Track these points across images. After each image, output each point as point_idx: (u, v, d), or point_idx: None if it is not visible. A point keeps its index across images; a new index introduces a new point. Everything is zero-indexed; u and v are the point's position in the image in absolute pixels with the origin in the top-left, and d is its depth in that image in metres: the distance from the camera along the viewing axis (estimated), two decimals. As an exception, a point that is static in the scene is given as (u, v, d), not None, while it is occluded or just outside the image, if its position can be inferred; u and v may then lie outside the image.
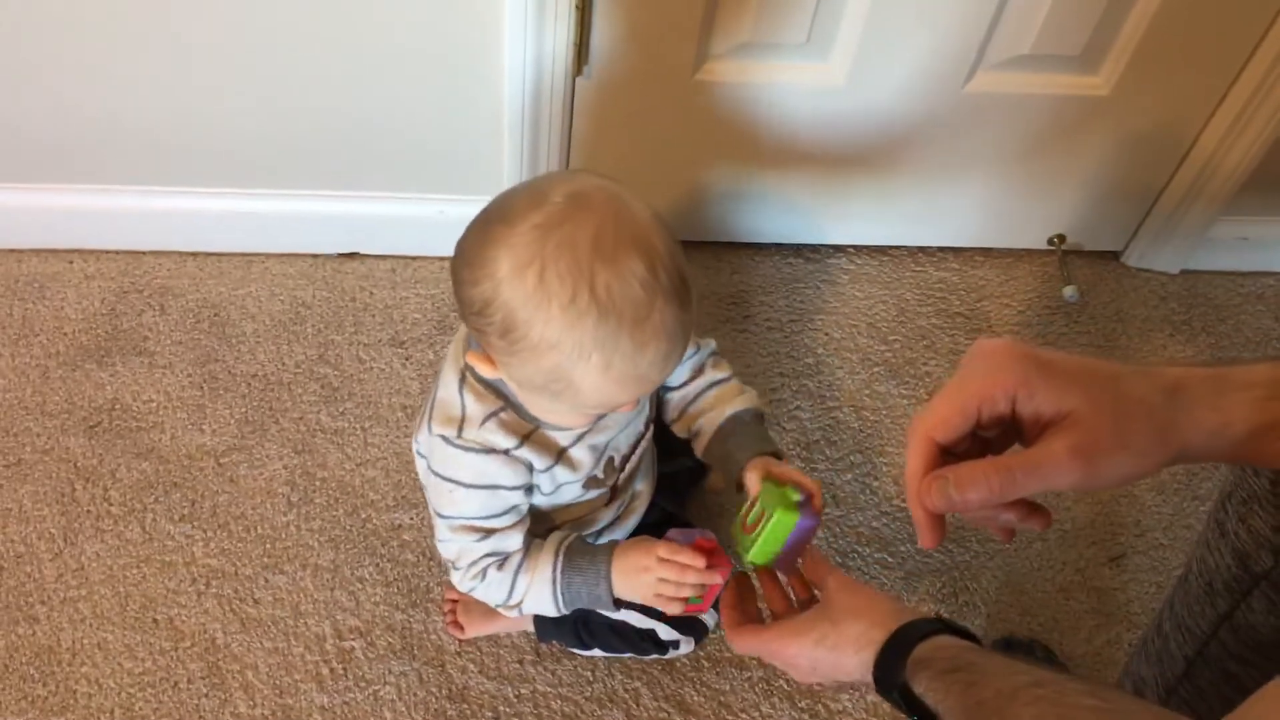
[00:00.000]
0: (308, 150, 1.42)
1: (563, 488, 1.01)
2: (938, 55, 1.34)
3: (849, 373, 1.50)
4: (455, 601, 1.27)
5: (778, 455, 1.00)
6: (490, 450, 0.94)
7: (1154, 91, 1.40)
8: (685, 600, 0.97)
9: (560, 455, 0.98)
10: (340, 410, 1.41)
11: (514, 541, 1.00)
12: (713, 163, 1.48)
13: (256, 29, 1.27)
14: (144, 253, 1.52)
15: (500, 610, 1.04)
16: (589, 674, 1.25)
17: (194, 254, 1.52)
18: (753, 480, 0.96)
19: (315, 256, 1.54)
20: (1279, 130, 1.41)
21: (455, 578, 1.03)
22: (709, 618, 1.22)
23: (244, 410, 1.39)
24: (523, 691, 1.23)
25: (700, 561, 0.94)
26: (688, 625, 1.20)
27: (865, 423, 1.46)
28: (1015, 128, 1.45)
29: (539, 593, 1.01)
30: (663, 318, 0.82)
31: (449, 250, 1.54)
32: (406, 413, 1.41)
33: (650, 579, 0.96)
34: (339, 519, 1.33)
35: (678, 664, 1.26)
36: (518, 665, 1.25)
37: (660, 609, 0.99)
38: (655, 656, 1.24)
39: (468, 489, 0.96)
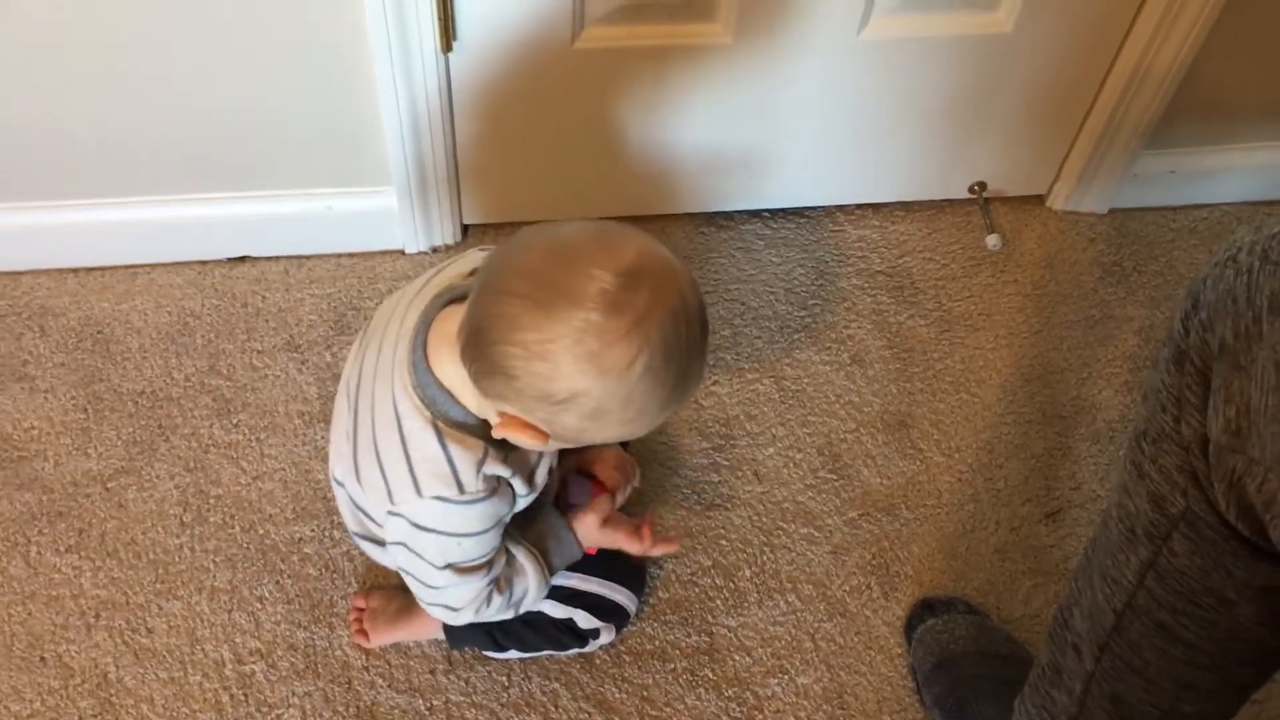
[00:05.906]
0: (184, 152, 1.35)
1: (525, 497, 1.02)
2: (826, 3, 1.28)
3: (768, 342, 1.44)
4: (362, 610, 1.21)
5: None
6: (494, 490, 0.94)
7: (1059, 21, 1.34)
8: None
9: (531, 474, 0.99)
10: (234, 422, 1.34)
11: (502, 559, 1.02)
12: (607, 135, 1.41)
13: (118, 28, 1.20)
14: (21, 273, 1.44)
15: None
16: (504, 679, 1.19)
17: (74, 270, 1.45)
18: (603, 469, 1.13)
19: (203, 263, 1.47)
20: (1203, 40, 1.33)
21: (453, 617, 1.03)
22: (631, 604, 1.18)
23: (131, 430, 1.33)
24: (435, 703, 1.18)
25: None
26: (608, 611, 1.17)
27: (786, 393, 1.40)
28: (920, 74, 1.39)
29: (535, 588, 1.05)
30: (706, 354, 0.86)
31: (341, 246, 1.52)
32: (304, 419, 1.34)
33: (603, 532, 1.10)
34: (235, 537, 1.26)
35: (597, 660, 1.21)
36: (429, 676, 1.19)
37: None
38: (575, 651, 1.19)
39: (478, 536, 0.96)
